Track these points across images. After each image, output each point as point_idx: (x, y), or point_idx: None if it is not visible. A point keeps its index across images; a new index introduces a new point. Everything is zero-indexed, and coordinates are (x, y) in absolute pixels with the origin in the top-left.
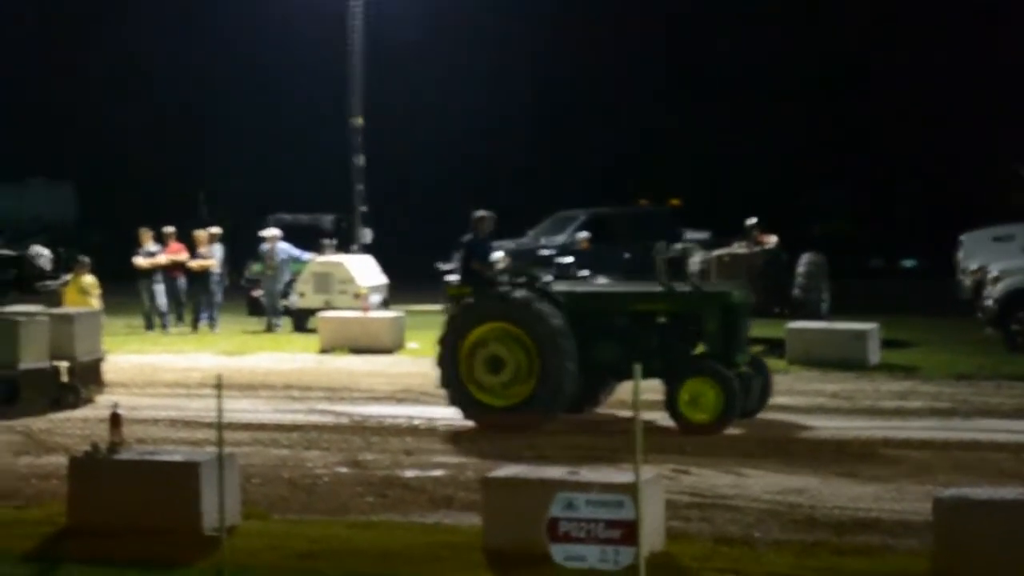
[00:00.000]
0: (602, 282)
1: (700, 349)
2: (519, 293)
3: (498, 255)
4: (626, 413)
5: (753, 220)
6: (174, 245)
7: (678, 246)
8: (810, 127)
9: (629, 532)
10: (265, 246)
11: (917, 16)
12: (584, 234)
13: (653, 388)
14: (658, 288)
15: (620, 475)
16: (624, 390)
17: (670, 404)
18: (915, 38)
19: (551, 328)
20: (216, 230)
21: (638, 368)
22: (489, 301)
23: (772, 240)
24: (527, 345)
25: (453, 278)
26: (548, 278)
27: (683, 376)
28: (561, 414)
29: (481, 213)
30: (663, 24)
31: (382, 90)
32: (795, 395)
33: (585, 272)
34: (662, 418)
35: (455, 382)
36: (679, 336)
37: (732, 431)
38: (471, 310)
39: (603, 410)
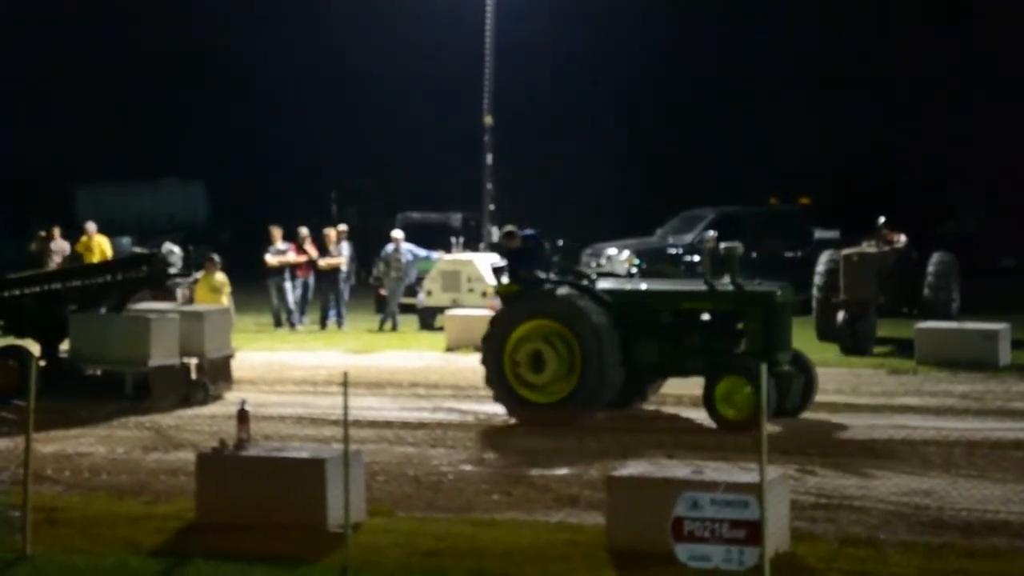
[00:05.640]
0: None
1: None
2: (561, 291)
3: (624, 254)
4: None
5: (882, 219)
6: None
7: (723, 245)
8: (942, 123)
9: (754, 532)
10: (390, 247)
11: None
12: (712, 233)
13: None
14: (701, 287)
15: (745, 475)
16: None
17: (706, 400)
18: None
19: (592, 325)
20: (343, 228)
21: (764, 368)
22: (532, 299)
23: (902, 239)
24: (569, 342)
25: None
26: (593, 276)
27: (719, 373)
28: (603, 410)
29: (509, 228)
30: (792, 20)
31: (513, 89)
32: (924, 396)
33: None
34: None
35: (499, 379)
36: (721, 334)
37: (857, 432)
38: (514, 308)
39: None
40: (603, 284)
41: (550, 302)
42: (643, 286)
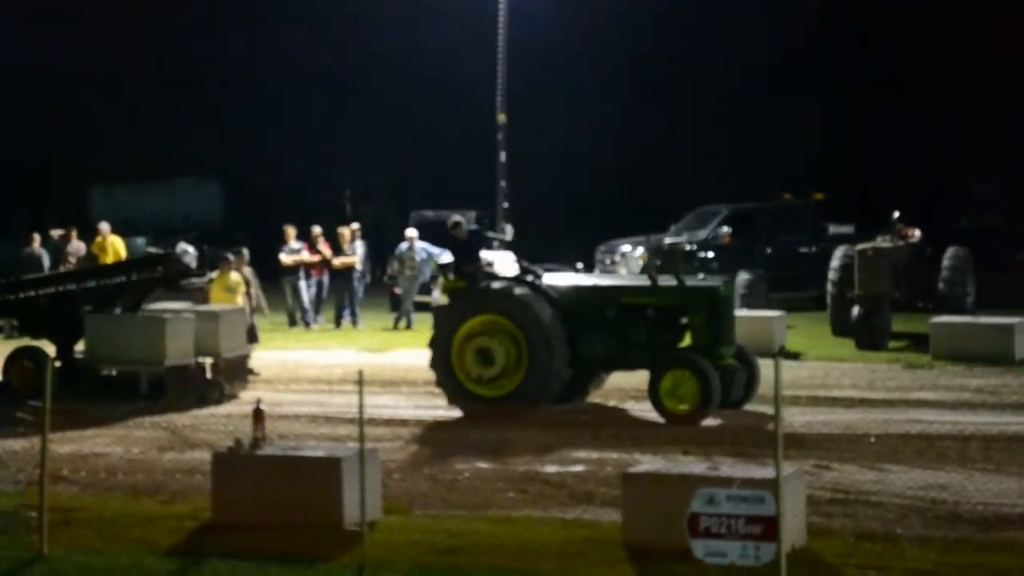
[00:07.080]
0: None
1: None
2: (507, 286)
3: (639, 251)
4: (766, 409)
5: (897, 214)
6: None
7: (668, 241)
8: (958, 119)
9: (770, 528)
10: (404, 245)
11: None
12: (726, 229)
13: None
14: (645, 282)
15: (761, 471)
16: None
17: (652, 394)
18: None
19: (538, 319)
20: (357, 226)
21: (780, 362)
22: (478, 294)
23: (916, 234)
24: (516, 337)
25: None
26: (539, 272)
27: (664, 367)
28: (551, 404)
29: (457, 218)
30: (807, 16)
31: (526, 87)
32: (939, 390)
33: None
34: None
35: (448, 377)
36: (666, 329)
37: (873, 426)
38: (461, 304)
39: (751, 406)
40: (549, 279)
41: (495, 297)
42: (588, 281)
